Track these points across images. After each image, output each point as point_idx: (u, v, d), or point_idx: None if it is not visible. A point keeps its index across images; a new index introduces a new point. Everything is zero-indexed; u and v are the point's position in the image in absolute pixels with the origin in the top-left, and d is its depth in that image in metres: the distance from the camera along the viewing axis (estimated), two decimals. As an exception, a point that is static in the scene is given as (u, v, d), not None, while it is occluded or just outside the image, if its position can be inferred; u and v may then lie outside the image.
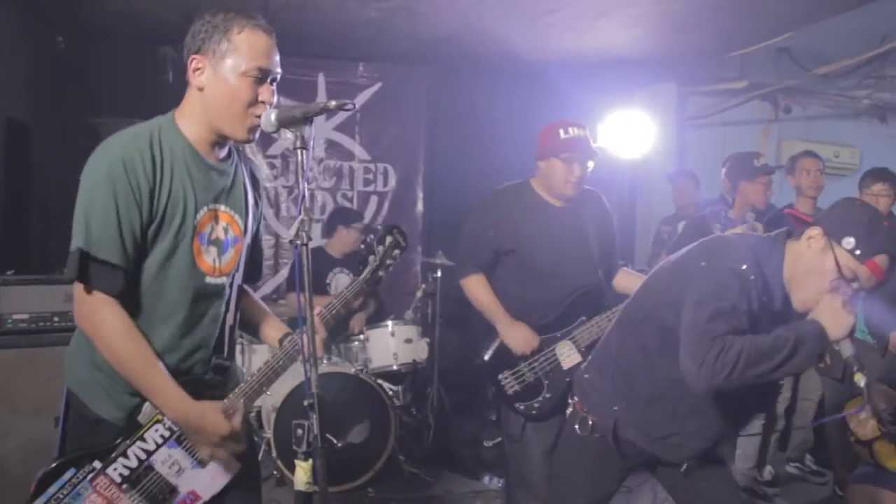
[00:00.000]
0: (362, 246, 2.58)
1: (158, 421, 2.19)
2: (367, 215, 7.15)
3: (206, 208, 2.21)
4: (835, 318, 2.33)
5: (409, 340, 5.44)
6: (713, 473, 2.79)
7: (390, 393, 5.17)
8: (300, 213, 2.01)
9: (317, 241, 6.09)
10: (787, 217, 5.02)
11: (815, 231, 2.40)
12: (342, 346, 5.60)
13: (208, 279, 2.24)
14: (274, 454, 4.68)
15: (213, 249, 2.25)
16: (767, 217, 4.74)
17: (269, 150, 6.88)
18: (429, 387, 5.60)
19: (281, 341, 2.44)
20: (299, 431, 2.11)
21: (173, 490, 2.23)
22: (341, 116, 7.02)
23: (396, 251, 2.55)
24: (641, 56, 6.69)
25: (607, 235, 3.80)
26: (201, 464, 2.25)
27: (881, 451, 3.56)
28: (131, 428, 2.18)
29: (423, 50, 6.75)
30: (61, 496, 2.12)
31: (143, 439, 2.19)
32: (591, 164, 3.65)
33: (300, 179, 2.02)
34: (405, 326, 5.50)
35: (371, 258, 2.52)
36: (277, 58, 2.26)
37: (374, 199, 7.22)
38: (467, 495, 4.99)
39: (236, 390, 2.30)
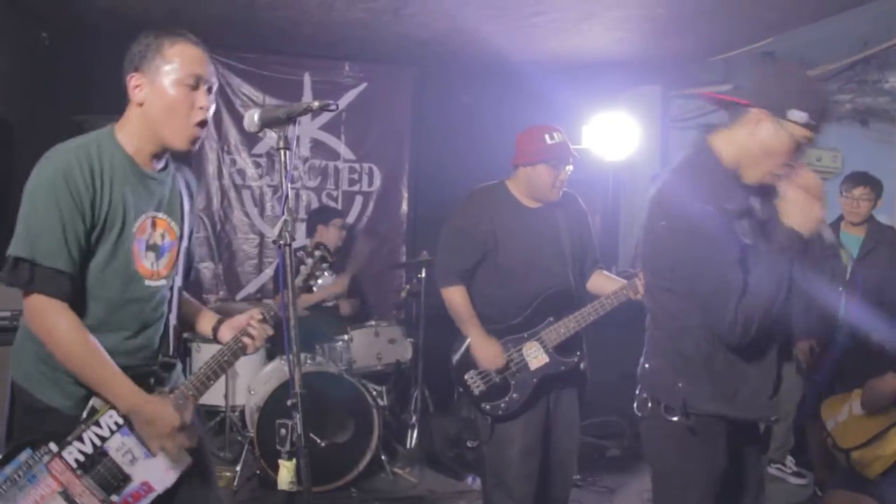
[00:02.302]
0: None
1: (112, 407, 2.24)
2: (352, 215, 7.15)
3: (143, 216, 2.32)
4: (803, 214, 2.35)
5: (392, 341, 5.45)
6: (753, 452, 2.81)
7: (374, 393, 5.17)
8: (283, 214, 2.03)
9: (301, 240, 6.08)
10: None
11: (758, 114, 2.38)
12: (326, 346, 5.59)
13: (147, 282, 2.34)
14: (257, 453, 4.67)
15: (151, 254, 2.35)
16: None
17: (255, 150, 6.86)
18: (412, 387, 5.61)
19: (215, 329, 2.59)
20: (283, 431, 2.12)
21: (126, 478, 2.26)
22: (326, 116, 7.01)
23: (325, 265, 2.62)
24: (626, 58, 6.73)
25: (583, 237, 3.80)
26: (153, 454, 2.29)
27: (858, 460, 3.58)
28: (86, 415, 2.23)
29: (409, 50, 6.76)
30: (17, 477, 2.16)
31: (98, 424, 2.23)
32: (569, 169, 3.67)
33: (283, 180, 2.05)
34: (389, 327, 5.51)
35: (302, 268, 2.58)
36: (211, 68, 2.37)
37: (358, 199, 7.21)
38: (450, 495, 5.00)
39: (185, 384, 2.39)
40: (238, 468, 4.83)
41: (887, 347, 4.54)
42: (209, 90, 2.35)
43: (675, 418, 2.52)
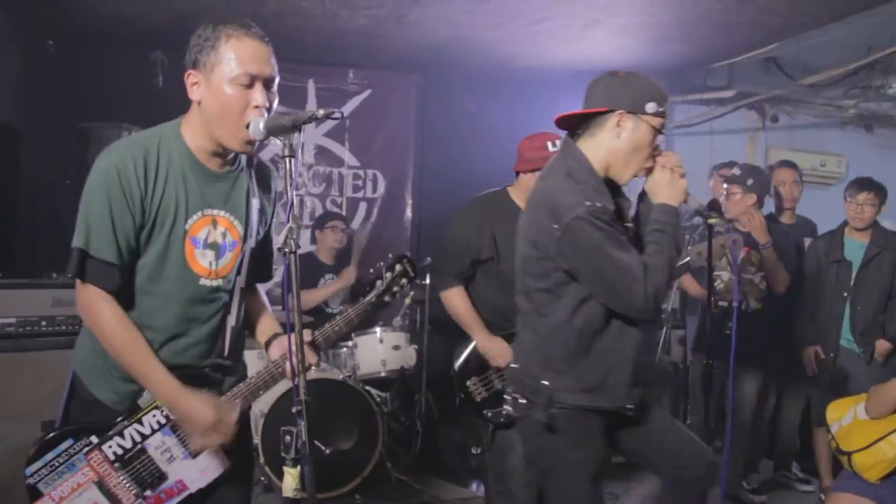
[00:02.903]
0: (371, 271, 2.62)
1: (157, 407, 2.28)
2: (357, 221, 7.16)
3: (200, 213, 2.29)
4: (669, 189, 2.64)
5: (397, 347, 5.44)
6: (658, 416, 2.90)
7: (378, 399, 5.17)
8: (288, 221, 2.04)
9: (306, 248, 6.09)
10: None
11: (617, 117, 2.61)
12: (330, 353, 5.59)
13: (203, 281, 2.32)
14: (262, 460, 4.67)
15: (210, 253, 2.33)
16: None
17: (259, 156, 6.86)
18: (417, 393, 5.59)
19: (268, 343, 2.56)
20: (287, 438, 2.12)
21: (162, 476, 2.30)
22: (331, 123, 7.00)
23: (404, 280, 2.64)
24: (630, 65, 6.71)
25: None
26: (193, 455, 2.32)
27: (860, 463, 3.58)
28: (126, 411, 2.28)
29: (413, 57, 6.77)
30: (57, 463, 2.24)
31: (140, 422, 2.27)
32: None
33: (288, 187, 2.05)
34: (393, 333, 5.50)
35: (378, 283, 2.59)
36: (272, 60, 2.31)
37: (363, 206, 7.22)
38: (454, 502, 5.00)
39: (234, 389, 2.38)
40: (242, 475, 4.82)
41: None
42: (267, 85, 2.29)
43: (542, 415, 2.64)
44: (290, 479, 2.14)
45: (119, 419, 2.27)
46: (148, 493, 2.28)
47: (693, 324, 4.86)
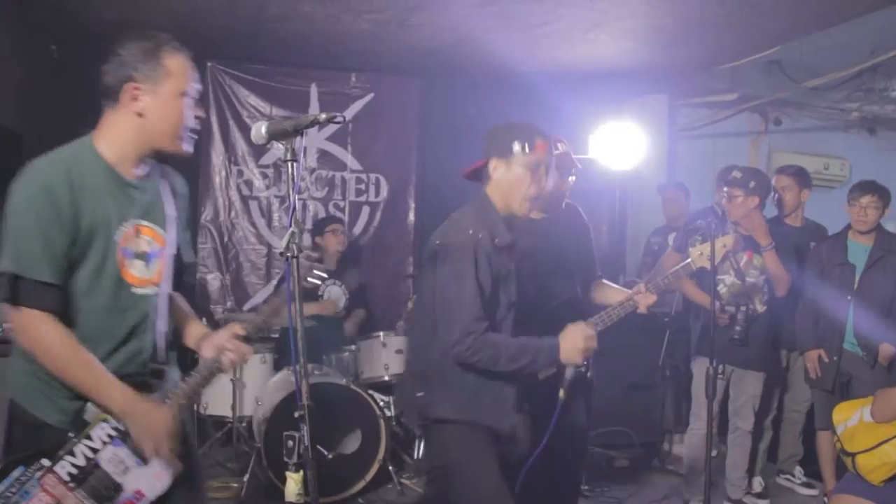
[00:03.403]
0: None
1: (104, 420, 2.25)
2: (359, 225, 7.16)
3: (126, 224, 2.33)
4: (572, 347, 2.91)
5: (399, 351, 5.43)
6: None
7: (381, 403, 5.16)
8: (291, 225, 2.03)
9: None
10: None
11: (492, 164, 3.00)
12: (333, 357, 5.59)
13: (136, 289, 2.35)
14: (265, 464, 4.66)
15: (139, 262, 2.36)
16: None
17: (262, 160, 6.88)
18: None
19: (198, 345, 2.61)
20: (290, 443, 2.11)
21: (119, 488, 2.27)
22: (333, 127, 7.02)
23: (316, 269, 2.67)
24: (633, 68, 6.73)
25: (585, 249, 3.81)
26: (145, 462, 2.30)
27: (863, 465, 3.57)
28: (76, 430, 2.24)
29: (415, 61, 6.78)
30: (9, 494, 2.15)
31: (89, 437, 2.24)
32: (572, 179, 3.68)
33: (291, 191, 2.05)
34: (396, 337, 5.50)
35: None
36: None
37: (365, 210, 7.22)
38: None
39: (175, 392, 2.40)
40: (245, 479, 4.82)
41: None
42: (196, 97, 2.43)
43: (418, 425, 2.97)
44: (293, 484, 2.14)
45: (71, 436, 2.23)
46: None
47: (696, 327, 4.85)
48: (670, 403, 6.00)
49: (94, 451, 2.24)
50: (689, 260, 3.75)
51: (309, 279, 2.60)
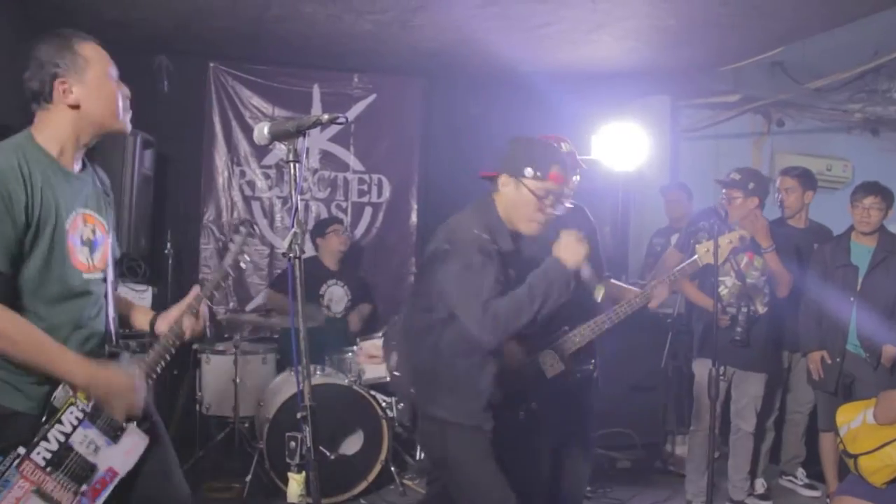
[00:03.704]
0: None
1: (72, 404, 2.34)
2: (362, 226, 7.16)
3: (74, 213, 2.41)
4: (568, 250, 2.90)
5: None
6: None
7: (383, 404, 5.16)
8: (293, 226, 2.04)
9: (311, 252, 6.09)
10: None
11: (502, 178, 2.98)
12: (335, 358, 5.59)
13: (85, 275, 2.43)
14: (267, 465, 4.66)
15: (86, 249, 2.45)
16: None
17: (264, 161, 6.88)
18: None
19: (152, 324, 2.71)
20: (292, 444, 2.12)
21: (93, 468, 2.37)
22: (336, 127, 7.02)
23: (253, 239, 2.86)
24: (635, 69, 6.73)
25: (592, 249, 3.81)
26: (115, 440, 2.42)
27: (866, 467, 3.56)
28: (46, 414, 2.31)
29: (417, 61, 6.77)
30: None
31: (60, 422, 2.32)
32: (576, 179, 3.68)
33: (293, 192, 2.05)
34: (399, 337, 5.49)
35: (231, 245, 2.81)
36: None
37: (368, 210, 7.22)
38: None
39: (143, 360, 2.57)
40: (247, 479, 4.82)
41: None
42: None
43: (408, 420, 3.07)
44: (296, 485, 2.15)
45: (43, 423, 2.29)
46: (84, 487, 2.34)
47: (699, 329, 4.84)
48: (672, 405, 6.00)
49: (66, 434, 2.32)
50: (695, 257, 3.76)
51: (240, 258, 2.77)
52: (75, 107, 2.40)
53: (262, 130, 2.17)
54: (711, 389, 3.83)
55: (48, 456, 2.28)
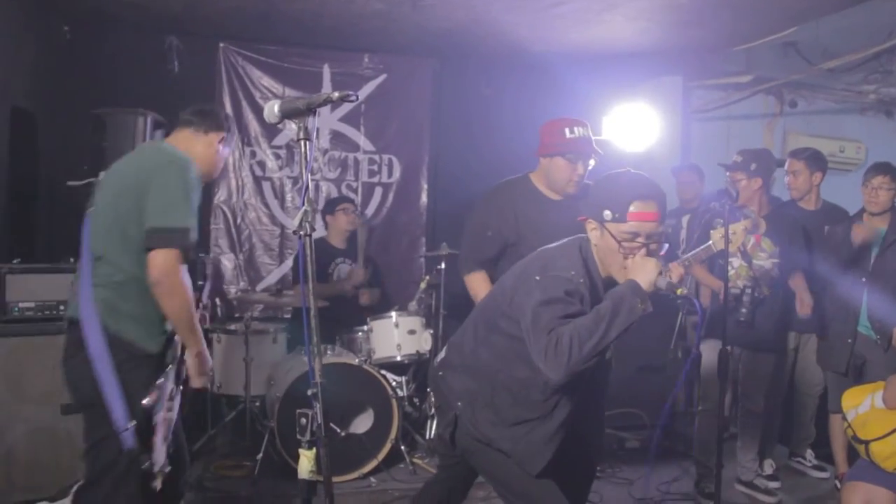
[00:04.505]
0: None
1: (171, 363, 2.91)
2: (372, 206, 7.16)
3: None
4: (639, 269, 2.65)
5: (412, 332, 5.45)
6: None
7: (393, 384, 5.19)
8: (303, 205, 2.04)
9: (321, 231, 6.11)
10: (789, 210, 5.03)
11: (588, 224, 2.78)
12: (346, 337, 5.61)
13: None
14: (278, 444, 4.70)
15: None
16: (769, 212, 4.74)
17: (274, 141, 6.88)
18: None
19: None
20: (303, 420, 2.13)
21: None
22: (346, 108, 7.02)
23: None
24: (647, 49, 6.69)
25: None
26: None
27: (878, 453, 3.55)
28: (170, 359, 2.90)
29: (428, 41, 6.75)
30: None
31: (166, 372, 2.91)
32: (592, 162, 3.68)
33: (303, 170, 2.06)
34: (409, 318, 5.51)
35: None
36: None
37: (378, 191, 7.22)
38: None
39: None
40: (258, 458, 4.85)
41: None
42: None
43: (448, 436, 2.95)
44: (306, 462, 2.16)
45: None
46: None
47: (707, 310, 4.84)
48: (682, 385, 6.01)
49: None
50: (710, 242, 3.76)
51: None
52: None
53: (272, 108, 2.18)
54: (720, 370, 3.84)
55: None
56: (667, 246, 2.80)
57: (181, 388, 3.02)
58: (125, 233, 2.73)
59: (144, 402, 2.69)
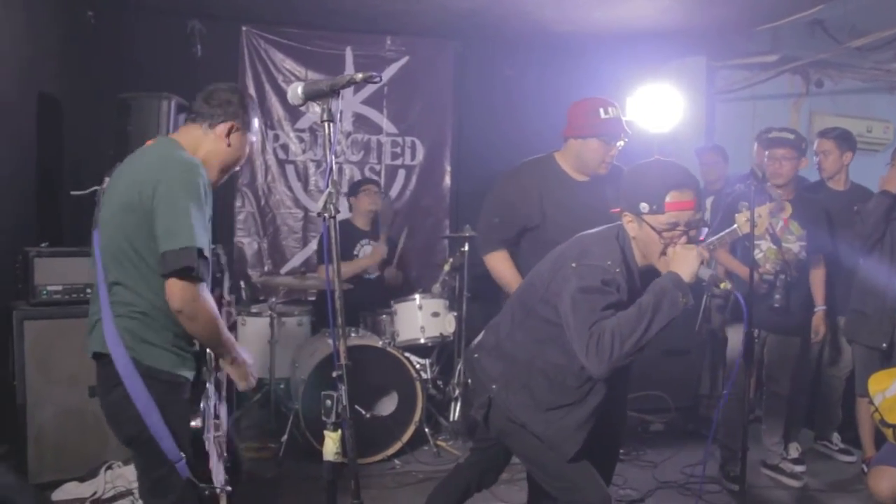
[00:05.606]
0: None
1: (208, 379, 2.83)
2: (395, 189, 7.17)
3: None
4: (680, 261, 2.64)
5: (436, 314, 5.46)
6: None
7: (417, 366, 5.20)
8: (328, 187, 2.04)
9: (345, 213, 6.12)
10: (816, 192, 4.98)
11: (624, 216, 2.76)
12: (370, 319, 5.63)
13: None
14: (302, 426, 4.73)
15: None
16: (794, 195, 4.68)
17: (298, 124, 6.89)
18: (456, 360, 5.62)
19: None
20: (328, 402, 2.14)
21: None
22: (369, 90, 7.02)
23: None
24: (671, 29, 6.62)
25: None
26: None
27: (905, 437, 3.53)
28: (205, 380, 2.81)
29: (451, 23, 6.72)
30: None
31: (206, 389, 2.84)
32: (621, 143, 3.64)
33: (327, 152, 2.06)
34: (432, 300, 5.52)
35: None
36: None
37: (401, 173, 7.22)
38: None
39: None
40: (283, 440, 4.89)
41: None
42: None
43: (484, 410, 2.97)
44: (331, 443, 2.17)
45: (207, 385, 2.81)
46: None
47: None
48: (707, 368, 5.98)
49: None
50: (735, 226, 3.71)
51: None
52: None
53: (295, 91, 2.18)
54: (746, 353, 3.81)
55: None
56: (706, 230, 2.81)
57: (223, 394, 3.02)
58: (139, 255, 2.59)
59: (193, 423, 2.68)
